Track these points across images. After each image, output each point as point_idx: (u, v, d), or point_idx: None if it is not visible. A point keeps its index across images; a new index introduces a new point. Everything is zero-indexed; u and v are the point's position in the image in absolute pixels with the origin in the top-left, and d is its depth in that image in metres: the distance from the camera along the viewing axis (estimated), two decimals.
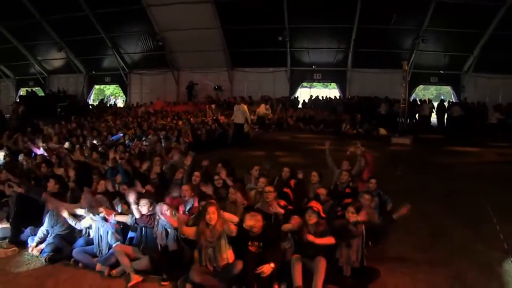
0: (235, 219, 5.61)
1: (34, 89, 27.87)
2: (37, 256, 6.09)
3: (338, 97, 23.66)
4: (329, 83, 27.21)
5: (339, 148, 10.44)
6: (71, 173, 8.18)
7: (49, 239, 6.25)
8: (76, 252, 5.79)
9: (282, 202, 6.10)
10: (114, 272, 5.47)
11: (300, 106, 23.87)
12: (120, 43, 25.46)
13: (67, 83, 28.03)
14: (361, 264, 5.28)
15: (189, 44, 23.47)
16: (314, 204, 5.54)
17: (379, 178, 7.54)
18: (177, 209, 6.21)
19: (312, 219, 5.31)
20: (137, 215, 5.84)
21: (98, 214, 5.91)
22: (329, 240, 5.17)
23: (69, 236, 6.29)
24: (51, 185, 7.00)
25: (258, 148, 14.72)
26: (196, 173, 6.92)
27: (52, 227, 6.33)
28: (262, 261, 5.02)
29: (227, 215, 5.59)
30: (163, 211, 5.64)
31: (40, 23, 23.26)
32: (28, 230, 6.51)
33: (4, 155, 10.52)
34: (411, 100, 21.26)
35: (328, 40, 22.53)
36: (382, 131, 18.18)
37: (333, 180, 8.01)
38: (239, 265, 4.99)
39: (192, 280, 4.98)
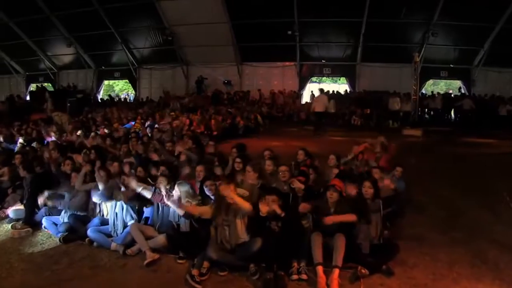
0: (246, 193, 5.55)
1: (44, 84, 27.99)
2: (51, 237, 6.10)
3: (348, 91, 23.50)
4: (338, 78, 27.04)
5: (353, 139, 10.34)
6: (92, 155, 8.22)
7: (64, 219, 6.24)
8: (91, 231, 5.77)
9: (302, 178, 6.00)
10: (129, 251, 5.42)
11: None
12: (129, 38, 25.34)
13: (77, 79, 27.89)
14: (380, 241, 5.25)
15: (198, 38, 23.24)
16: (337, 182, 5.45)
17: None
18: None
19: (333, 197, 5.23)
20: (148, 196, 5.80)
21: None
22: (349, 217, 5.08)
23: (84, 216, 6.29)
24: (67, 165, 7.05)
25: (272, 138, 14.68)
26: (199, 168, 6.75)
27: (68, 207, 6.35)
28: (282, 240, 4.97)
29: (239, 190, 5.50)
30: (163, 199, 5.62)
31: (49, 18, 23.17)
32: (42, 211, 6.52)
33: (23, 140, 10.96)
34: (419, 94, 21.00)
35: (338, 34, 22.33)
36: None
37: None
38: (258, 243, 4.92)
39: (209, 257, 4.91)
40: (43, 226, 6.34)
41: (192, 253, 5.18)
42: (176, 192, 5.61)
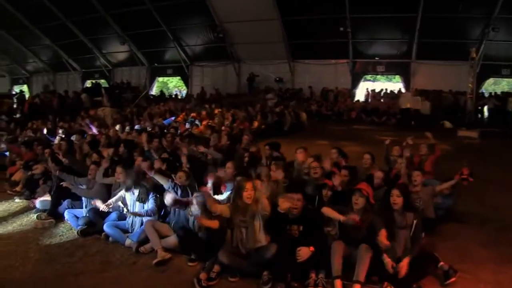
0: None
1: (99, 81, 29.01)
2: (72, 229, 6.09)
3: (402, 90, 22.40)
4: (393, 76, 25.87)
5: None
6: (121, 149, 8.40)
7: (84, 212, 6.22)
8: (107, 226, 5.67)
9: (330, 183, 5.53)
10: (142, 248, 5.26)
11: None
12: (181, 36, 25.56)
13: (130, 75, 28.71)
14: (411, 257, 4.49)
15: (249, 35, 22.97)
16: (364, 187, 4.81)
17: (445, 170, 6.95)
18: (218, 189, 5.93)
19: (359, 203, 4.62)
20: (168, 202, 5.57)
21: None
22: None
23: (104, 211, 6.15)
24: (94, 157, 7.20)
25: (318, 137, 14.24)
26: (228, 165, 6.51)
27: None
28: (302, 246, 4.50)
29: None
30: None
31: (104, 17, 23.94)
32: (65, 203, 6.51)
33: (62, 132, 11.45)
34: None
35: (391, 30, 21.18)
36: (447, 124, 17.04)
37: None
38: (273, 249, 4.51)
39: (220, 261, 4.58)
40: (65, 218, 6.31)
41: (204, 256, 4.88)
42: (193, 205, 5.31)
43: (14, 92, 27.11)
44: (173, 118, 14.42)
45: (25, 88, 31.97)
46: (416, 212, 4.71)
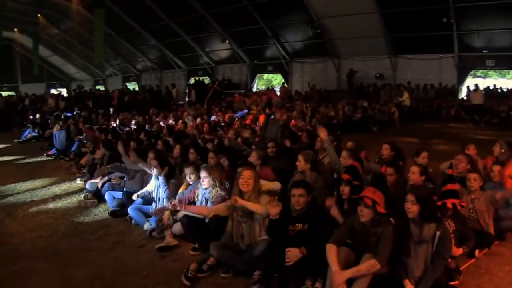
0: (278, 186, 4.92)
1: (202, 78, 30.66)
2: (108, 210, 6.39)
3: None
4: (506, 72, 23.10)
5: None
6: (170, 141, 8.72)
7: (119, 194, 6.50)
8: (130, 209, 5.83)
9: (346, 176, 4.79)
10: (155, 233, 5.31)
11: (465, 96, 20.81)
12: (280, 32, 25.68)
13: (232, 72, 29.81)
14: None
15: (348, 30, 22.23)
16: (369, 194, 3.78)
17: None
18: None
19: (364, 215, 3.77)
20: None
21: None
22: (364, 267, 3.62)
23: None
24: (133, 143, 7.61)
25: (407, 134, 13.41)
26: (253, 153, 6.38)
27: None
28: (295, 247, 3.98)
29: (267, 184, 4.89)
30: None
31: (204, 16, 25.05)
32: (106, 185, 6.85)
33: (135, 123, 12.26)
34: None
35: (502, 19, 18.47)
36: None
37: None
38: (262, 246, 4.17)
39: (212, 254, 4.38)
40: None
41: (207, 246, 4.62)
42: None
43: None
44: (246, 111, 14.55)
45: (135, 85, 34.93)
46: (438, 223, 3.75)
